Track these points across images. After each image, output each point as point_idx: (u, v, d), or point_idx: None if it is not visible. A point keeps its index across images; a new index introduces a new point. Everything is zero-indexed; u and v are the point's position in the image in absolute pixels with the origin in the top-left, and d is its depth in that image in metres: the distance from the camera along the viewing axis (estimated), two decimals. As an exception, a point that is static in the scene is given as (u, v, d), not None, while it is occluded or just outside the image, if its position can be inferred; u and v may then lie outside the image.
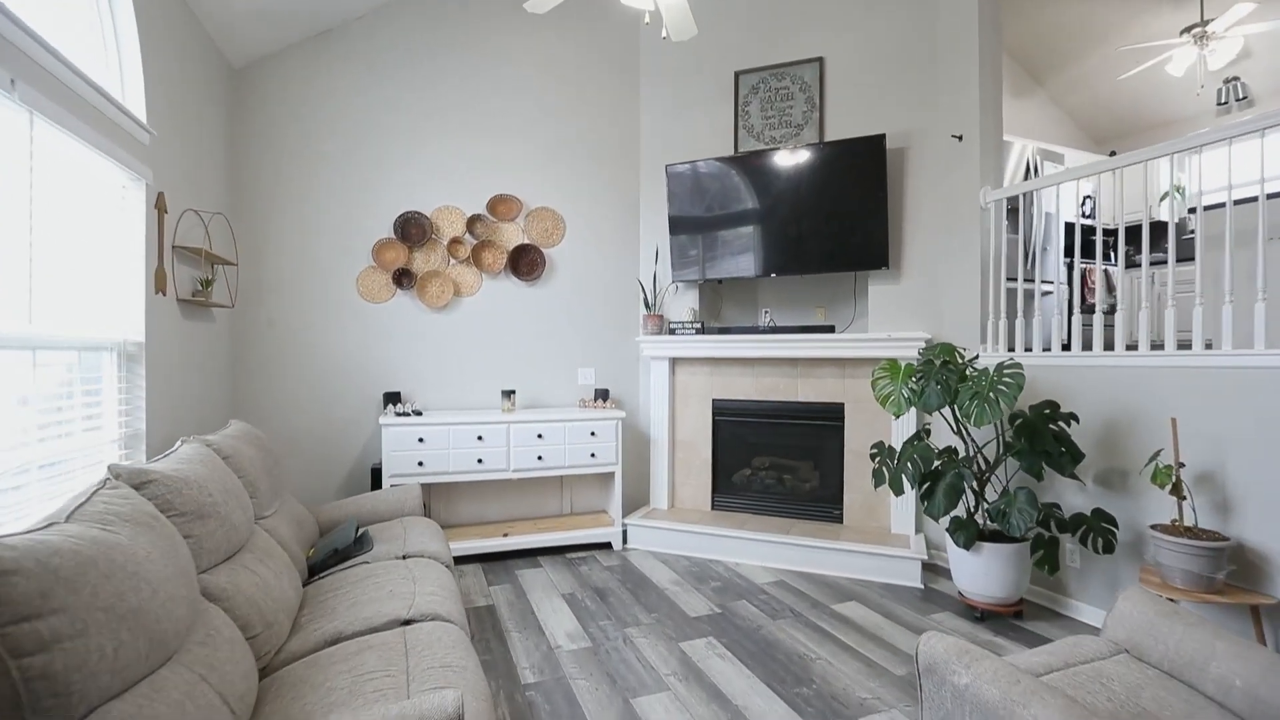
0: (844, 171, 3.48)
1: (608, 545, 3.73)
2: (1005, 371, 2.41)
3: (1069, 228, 4.83)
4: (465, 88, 3.77)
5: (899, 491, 2.65)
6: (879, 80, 3.56)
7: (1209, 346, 2.37)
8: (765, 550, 3.41)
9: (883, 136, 3.36)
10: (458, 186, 3.76)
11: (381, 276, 3.62)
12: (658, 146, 4.10)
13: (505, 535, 3.52)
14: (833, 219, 3.52)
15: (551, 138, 3.94)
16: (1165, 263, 5.24)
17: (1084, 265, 5.02)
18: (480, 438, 3.41)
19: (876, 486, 2.78)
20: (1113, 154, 5.94)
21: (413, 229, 3.66)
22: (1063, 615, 2.77)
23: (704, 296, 4.06)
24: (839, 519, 3.65)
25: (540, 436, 3.52)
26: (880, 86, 3.56)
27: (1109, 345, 3.69)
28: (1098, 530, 2.43)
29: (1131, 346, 2.88)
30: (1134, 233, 5.62)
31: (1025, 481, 2.84)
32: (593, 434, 3.61)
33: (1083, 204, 5.35)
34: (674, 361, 3.99)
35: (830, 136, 3.66)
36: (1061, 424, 2.50)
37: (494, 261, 3.82)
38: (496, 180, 3.83)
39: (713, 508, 3.96)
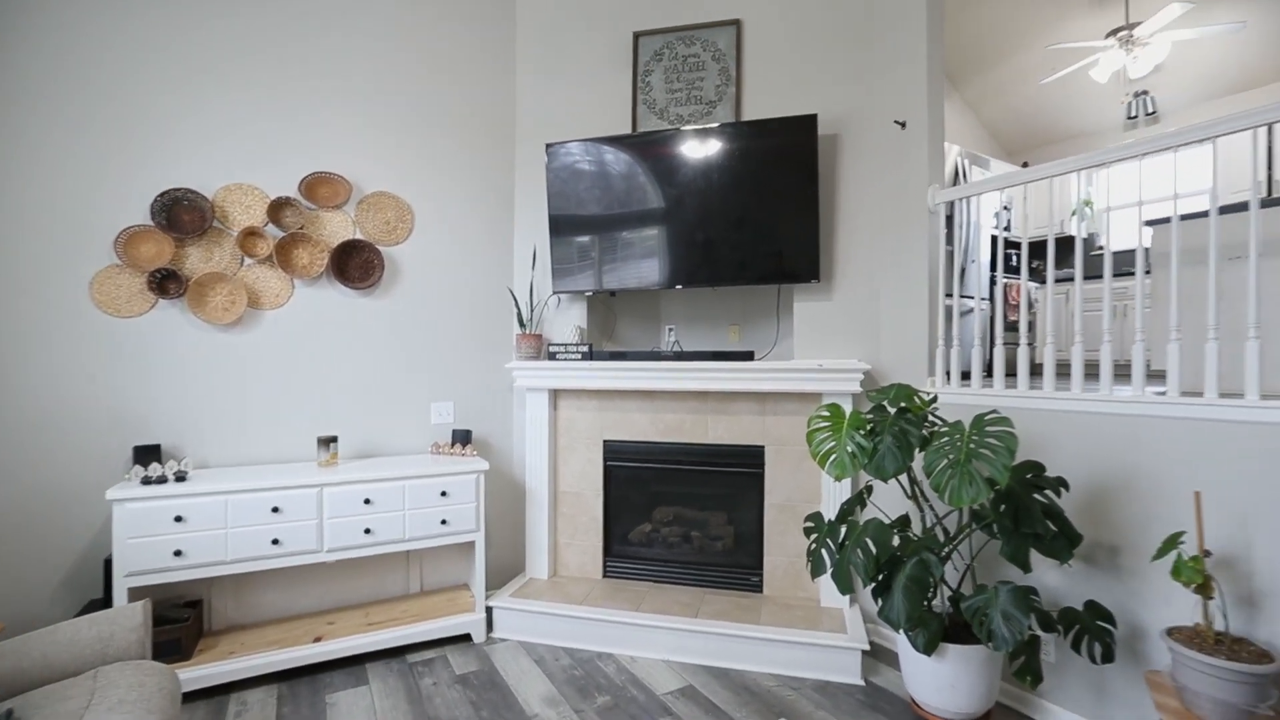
0: (766, 160, 2.80)
1: (467, 637, 2.84)
2: (989, 430, 1.78)
3: (993, 241, 4.47)
4: (269, 26, 2.76)
5: (846, 590, 1.96)
6: (807, 51, 2.92)
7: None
8: (669, 640, 2.65)
9: (814, 118, 2.71)
10: (256, 159, 2.74)
11: (133, 280, 2.53)
12: (538, 123, 3.26)
13: (318, 640, 2.55)
14: (752, 219, 2.84)
15: (396, 104, 3.01)
16: (1072, 280, 5.08)
17: (1006, 280, 4.70)
18: (277, 509, 2.42)
19: (815, 576, 2.08)
20: (1025, 164, 5.75)
21: (184, 214, 2.61)
22: (1036, 723, 2.20)
23: (594, 311, 3.26)
24: (758, 587, 2.97)
25: (369, 502, 2.57)
26: (808, 59, 2.92)
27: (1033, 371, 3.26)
28: (1094, 632, 1.85)
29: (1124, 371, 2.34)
30: (1042, 247, 5.41)
31: (999, 563, 2.26)
32: (444, 494, 2.71)
33: (998, 218, 5.06)
34: (555, 393, 3.16)
35: (749, 116, 2.98)
36: (1050, 494, 1.91)
37: (311, 262, 2.82)
38: (315, 155, 2.85)
39: (605, 574, 3.16)
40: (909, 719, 2.22)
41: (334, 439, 2.69)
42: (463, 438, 3.00)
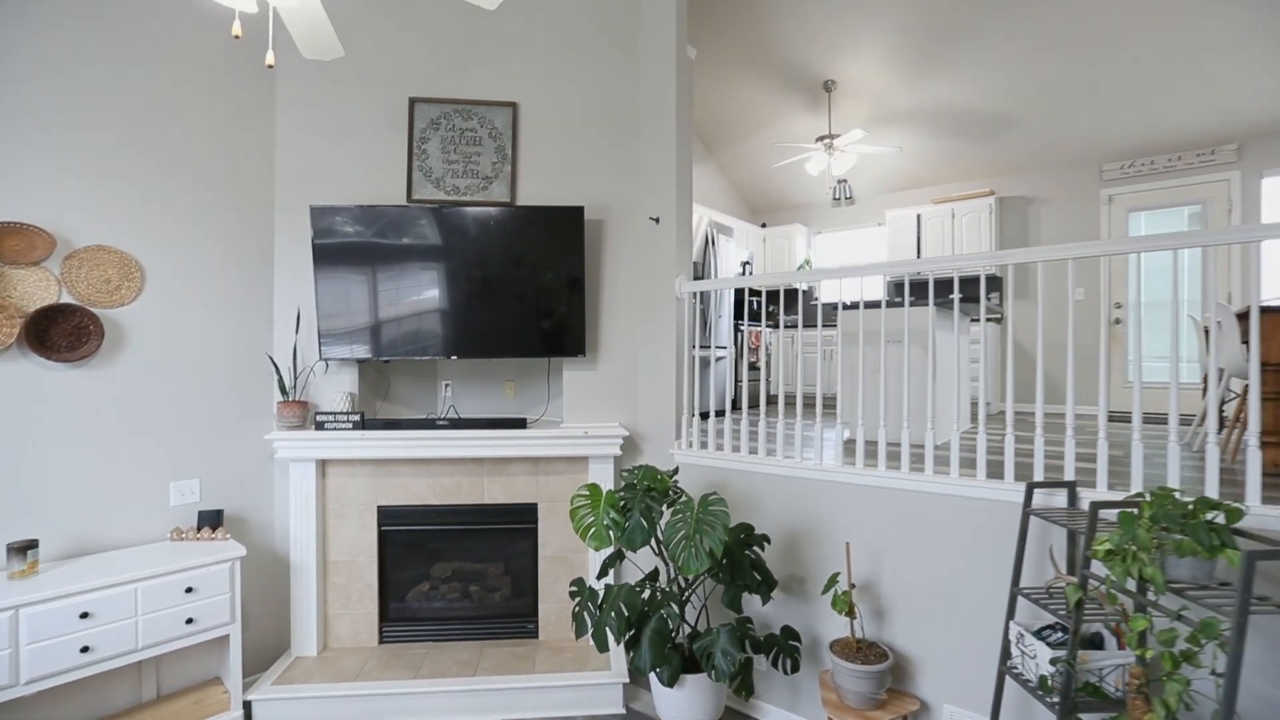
0: (539, 243, 3.04)
1: (219, 739, 2.61)
2: (710, 508, 2.23)
3: (737, 292, 5.27)
4: (-72, 38, 2.24)
5: (604, 648, 2.29)
6: (579, 141, 3.22)
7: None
8: (449, 702, 2.75)
9: (581, 209, 3.01)
10: (-92, 203, 2.21)
11: None
12: (302, 178, 3.09)
13: (13, 785, 2.16)
14: (525, 295, 3.05)
15: (122, 147, 2.63)
16: (797, 326, 6.22)
17: (745, 327, 5.57)
18: (-51, 643, 2.00)
19: (579, 637, 2.38)
20: (764, 225, 6.83)
21: None
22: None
23: (365, 375, 3.20)
24: (534, 634, 3.20)
25: (87, 616, 2.25)
26: (580, 148, 3.22)
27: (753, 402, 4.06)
28: (786, 650, 2.42)
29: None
30: (779, 295, 6.51)
31: (723, 606, 2.77)
32: (190, 590, 2.47)
33: (743, 269, 5.95)
34: (324, 463, 3.04)
35: (523, 196, 3.19)
36: (757, 549, 2.44)
37: (-5, 330, 2.35)
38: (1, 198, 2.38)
39: (381, 641, 3.13)
40: (659, 739, 2.62)
41: (33, 544, 2.29)
42: (211, 520, 2.74)
